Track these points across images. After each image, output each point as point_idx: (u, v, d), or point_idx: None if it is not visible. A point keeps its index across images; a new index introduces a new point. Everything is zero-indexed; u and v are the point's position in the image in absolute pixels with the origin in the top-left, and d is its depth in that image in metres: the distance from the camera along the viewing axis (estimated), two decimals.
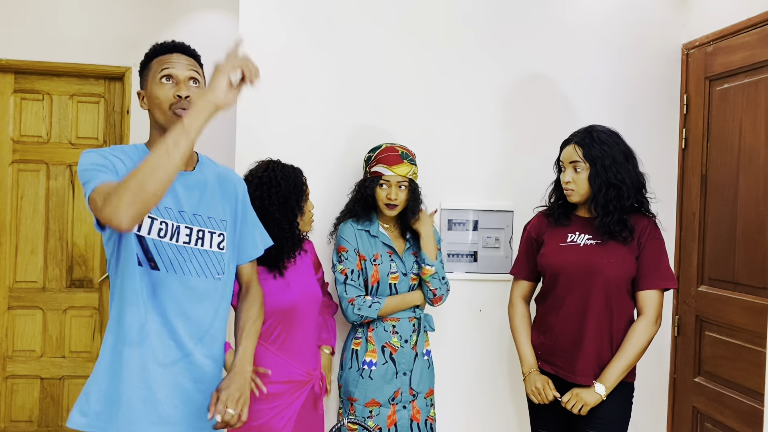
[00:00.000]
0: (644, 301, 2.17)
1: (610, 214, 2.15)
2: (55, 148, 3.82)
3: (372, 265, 2.39)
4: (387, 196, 2.37)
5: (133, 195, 1.44)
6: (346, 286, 2.36)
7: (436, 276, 2.41)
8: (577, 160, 2.18)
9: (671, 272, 2.19)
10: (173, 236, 1.68)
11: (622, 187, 2.14)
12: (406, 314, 2.41)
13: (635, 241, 2.17)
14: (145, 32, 3.77)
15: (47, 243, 3.82)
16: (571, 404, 2.15)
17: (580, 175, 2.18)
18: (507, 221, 2.85)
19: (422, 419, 2.41)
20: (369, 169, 2.41)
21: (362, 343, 2.39)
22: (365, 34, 2.74)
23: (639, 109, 2.94)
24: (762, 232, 2.43)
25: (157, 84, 1.70)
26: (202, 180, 1.78)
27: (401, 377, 2.38)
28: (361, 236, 2.41)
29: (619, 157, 2.16)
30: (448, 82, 2.80)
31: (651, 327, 2.15)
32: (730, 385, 2.61)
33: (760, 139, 2.49)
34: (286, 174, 2.20)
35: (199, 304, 1.73)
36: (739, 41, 2.61)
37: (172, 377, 1.69)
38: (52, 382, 3.81)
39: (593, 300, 2.16)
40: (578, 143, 2.19)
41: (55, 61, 3.72)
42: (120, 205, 1.44)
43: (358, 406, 2.36)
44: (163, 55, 1.75)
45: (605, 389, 2.13)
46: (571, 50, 2.89)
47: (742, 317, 2.53)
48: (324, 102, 2.71)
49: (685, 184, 2.92)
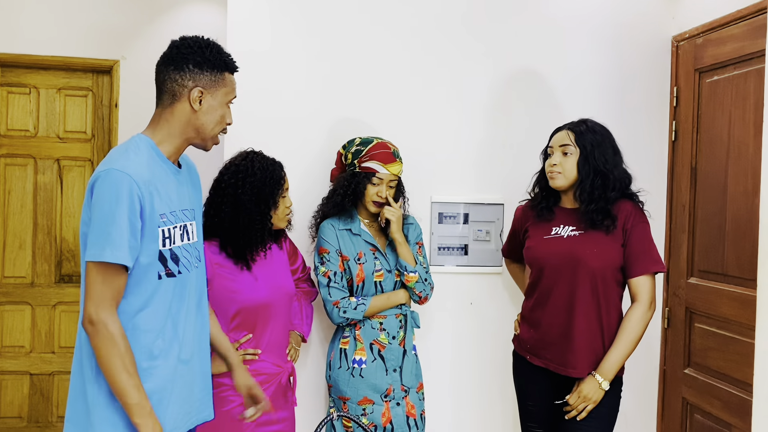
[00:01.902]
0: (637, 288, 2.17)
1: (594, 202, 2.15)
2: (43, 143, 3.79)
3: (356, 264, 2.38)
4: (377, 194, 2.35)
5: (101, 350, 1.56)
6: (329, 289, 2.35)
7: (420, 280, 2.40)
8: (568, 144, 2.19)
9: (659, 255, 2.20)
10: (186, 236, 1.74)
11: (609, 177, 2.15)
12: (392, 311, 2.41)
13: (619, 228, 2.17)
14: (133, 25, 3.74)
15: (35, 238, 3.79)
16: (581, 407, 2.14)
17: (568, 159, 2.19)
18: (498, 214, 2.85)
19: (417, 414, 2.41)
20: (359, 163, 2.37)
21: (350, 341, 2.38)
22: (354, 25, 2.72)
23: (629, 102, 2.94)
24: (751, 224, 2.43)
25: (225, 105, 1.75)
26: (185, 174, 1.81)
27: (391, 374, 2.37)
28: (342, 236, 2.39)
29: (609, 150, 2.18)
30: (438, 74, 2.79)
31: (646, 313, 2.15)
32: (719, 377, 2.62)
33: (748, 131, 2.50)
34: (263, 165, 2.18)
35: (196, 295, 1.79)
36: (728, 33, 2.62)
37: (190, 371, 1.77)
38: (41, 378, 3.79)
39: (579, 291, 2.16)
40: (571, 129, 2.23)
41: (41, 54, 3.69)
42: (97, 327, 1.56)
43: (351, 405, 2.35)
44: (233, 74, 1.79)
45: (607, 382, 2.13)
46: (561, 42, 2.88)
47: (731, 309, 2.54)
48: (312, 94, 2.69)
49: (675, 176, 2.92)
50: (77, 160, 3.83)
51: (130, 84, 3.75)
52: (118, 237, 1.54)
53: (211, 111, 1.71)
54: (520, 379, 2.39)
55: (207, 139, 1.74)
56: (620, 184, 2.18)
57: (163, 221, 1.64)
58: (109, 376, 1.55)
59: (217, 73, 1.71)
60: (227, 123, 1.78)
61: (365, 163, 2.35)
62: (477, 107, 2.83)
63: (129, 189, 1.56)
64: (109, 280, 1.56)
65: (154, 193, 1.62)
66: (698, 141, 2.79)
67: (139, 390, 1.56)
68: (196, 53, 1.68)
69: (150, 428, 1.56)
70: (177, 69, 1.68)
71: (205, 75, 1.69)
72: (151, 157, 1.66)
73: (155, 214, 1.62)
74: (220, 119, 1.73)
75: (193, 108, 1.69)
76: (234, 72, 1.78)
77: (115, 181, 1.56)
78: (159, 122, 1.71)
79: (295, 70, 2.68)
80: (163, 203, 1.65)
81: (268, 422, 2.16)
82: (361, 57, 2.73)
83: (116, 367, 1.54)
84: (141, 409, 1.56)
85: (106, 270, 1.56)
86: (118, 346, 1.55)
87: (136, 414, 1.56)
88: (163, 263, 1.65)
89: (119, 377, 1.54)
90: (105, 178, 1.57)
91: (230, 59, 1.76)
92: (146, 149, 1.67)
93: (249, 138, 2.48)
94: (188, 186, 1.81)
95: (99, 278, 1.56)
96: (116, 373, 1.54)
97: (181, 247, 1.71)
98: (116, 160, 1.61)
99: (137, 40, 3.75)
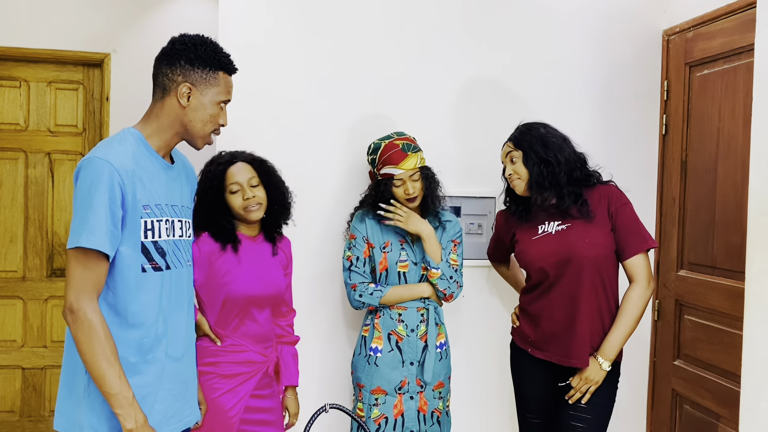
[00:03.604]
0: (633, 268, 2.18)
1: (546, 190, 2.18)
2: (34, 136, 3.77)
3: (381, 253, 2.40)
4: (405, 192, 2.35)
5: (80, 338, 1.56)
6: (350, 272, 2.41)
7: (443, 276, 2.38)
8: (511, 150, 2.26)
9: (648, 232, 2.21)
10: (172, 232, 1.73)
11: (553, 164, 2.18)
12: (414, 304, 2.40)
13: (605, 213, 2.19)
14: (125, 18, 3.72)
15: (27, 232, 3.77)
16: (583, 388, 2.16)
17: (517, 164, 2.24)
18: (489, 207, 2.86)
19: (429, 411, 2.40)
20: (377, 172, 2.38)
21: (370, 329, 2.41)
22: (349, 18, 2.72)
23: (620, 95, 2.95)
24: (740, 217, 2.46)
25: (217, 105, 1.73)
26: (178, 170, 1.81)
27: (408, 366, 2.37)
28: (371, 225, 2.42)
29: (549, 139, 2.21)
30: (429, 68, 2.79)
31: (645, 292, 2.17)
32: (708, 368, 2.65)
33: (738, 124, 2.52)
34: (208, 162, 2.16)
35: (185, 292, 1.79)
36: (718, 27, 2.63)
37: (182, 368, 1.77)
38: (33, 372, 3.78)
39: (580, 283, 2.17)
40: (509, 139, 2.29)
41: (32, 47, 3.66)
42: (77, 314, 1.55)
43: (365, 393, 2.37)
44: (230, 75, 1.78)
45: (608, 362, 2.15)
46: (552, 35, 2.89)
47: (720, 301, 2.57)
48: (307, 90, 2.69)
49: (666, 169, 2.94)
50: (68, 154, 3.81)
51: (122, 77, 3.73)
52: (95, 223, 1.54)
53: (199, 108, 1.70)
54: (519, 371, 2.39)
55: (196, 137, 1.73)
56: (570, 165, 2.20)
57: (146, 212, 1.64)
58: (88, 365, 1.55)
59: (210, 71, 1.71)
60: (220, 124, 1.76)
61: (382, 170, 2.37)
62: (467, 100, 2.83)
63: (109, 177, 1.56)
64: (89, 267, 1.56)
65: (137, 183, 1.62)
66: (688, 134, 2.81)
67: (120, 379, 1.55)
68: (189, 50, 1.70)
69: (132, 418, 1.55)
70: (169, 64, 1.70)
71: (195, 72, 1.69)
72: (137, 149, 1.66)
73: (138, 204, 1.62)
74: (209, 118, 1.72)
75: (180, 104, 1.69)
76: (230, 73, 1.77)
77: (95, 168, 1.56)
78: (150, 116, 1.72)
79: (290, 64, 2.67)
80: (148, 195, 1.65)
81: (255, 410, 2.16)
82: (358, 49, 2.72)
83: (96, 356, 1.53)
84: (122, 399, 1.55)
85: (86, 257, 1.55)
86: (98, 334, 1.54)
87: (116, 404, 1.55)
88: (146, 256, 1.64)
89: (99, 366, 1.54)
90: (86, 166, 1.58)
91: (226, 59, 1.75)
92: (133, 141, 1.67)
93: (242, 138, 2.48)
94: (181, 184, 1.80)
95: (78, 266, 1.55)
96: (96, 362, 1.54)
97: (168, 241, 1.70)
98: (99, 149, 1.62)
99: (128, 33, 3.72)
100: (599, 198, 2.20)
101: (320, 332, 2.73)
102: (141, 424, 1.57)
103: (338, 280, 2.71)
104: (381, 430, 2.35)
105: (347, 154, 2.72)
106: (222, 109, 1.76)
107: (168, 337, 1.70)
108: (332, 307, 2.75)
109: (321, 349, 2.74)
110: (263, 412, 2.19)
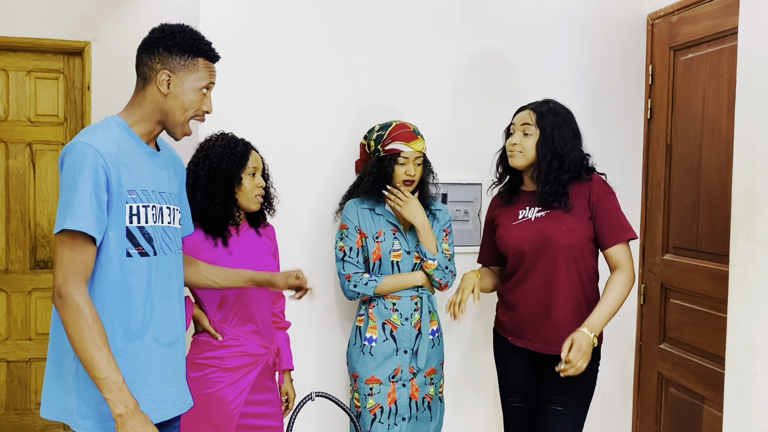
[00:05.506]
0: (615, 258, 2.17)
1: (550, 185, 2.17)
2: (14, 126, 3.71)
3: (374, 242, 2.39)
4: (406, 173, 2.35)
5: (69, 323, 1.55)
6: (344, 263, 2.39)
7: (440, 267, 2.38)
8: (529, 123, 2.21)
9: (629, 223, 2.21)
10: (160, 218, 1.72)
11: (566, 160, 2.17)
12: (407, 293, 2.40)
13: (585, 202, 2.19)
14: (105, 5, 3.65)
15: (8, 224, 3.73)
16: (577, 356, 2.01)
17: (528, 139, 2.21)
18: (476, 194, 2.85)
19: (420, 397, 2.41)
20: (383, 147, 2.36)
21: (364, 319, 2.41)
22: (337, 5, 2.68)
23: (604, 80, 2.95)
24: (724, 201, 2.47)
25: (198, 91, 1.72)
26: (165, 158, 1.81)
27: (402, 355, 2.38)
28: (363, 214, 2.41)
29: (568, 132, 2.19)
30: (413, 55, 2.77)
31: (629, 278, 2.15)
32: (693, 351, 2.67)
33: (722, 108, 2.52)
34: (224, 143, 2.16)
35: (174, 279, 1.79)
36: (702, 11, 2.63)
37: (173, 355, 1.76)
38: (18, 365, 3.75)
39: (556, 270, 2.18)
40: (534, 109, 2.23)
41: (10, 35, 3.59)
42: (65, 298, 1.54)
43: (360, 383, 2.38)
44: (211, 62, 1.76)
45: (594, 336, 2.06)
46: (536, 21, 2.88)
47: (705, 284, 2.58)
48: (295, 75, 2.66)
49: (651, 154, 2.95)
50: (50, 144, 3.76)
51: (103, 66, 3.67)
52: (79, 206, 1.54)
53: (180, 95, 1.70)
54: (501, 358, 2.41)
55: (176, 125, 1.73)
56: (575, 166, 2.20)
57: (132, 197, 1.64)
58: (77, 349, 1.54)
59: (189, 58, 1.70)
60: (204, 111, 1.76)
61: (389, 146, 2.35)
62: (453, 88, 2.82)
63: (93, 160, 1.56)
64: (76, 251, 1.55)
65: (122, 167, 1.62)
66: (673, 118, 2.82)
67: (109, 363, 1.54)
68: (167, 37, 1.70)
69: (121, 403, 1.54)
70: (149, 53, 1.71)
71: (174, 59, 1.69)
72: (121, 135, 1.67)
73: (123, 189, 1.62)
74: (190, 104, 1.71)
75: (161, 91, 1.69)
76: (211, 59, 1.76)
77: (79, 153, 1.57)
78: (133, 105, 1.73)
79: (273, 51, 2.64)
80: (134, 180, 1.65)
81: (255, 403, 2.16)
82: (343, 35, 2.70)
83: (84, 340, 1.53)
84: (111, 384, 1.54)
85: (72, 241, 1.55)
86: (86, 318, 1.53)
87: (105, 389, 1.54)
88: (132, 241, 1.64)
89: (87, 350, 1.53)
90: (70, 151, 1.59)
91: (206, 45, 1.74)
92: (117, 128, 1.67)
93: (228, 126, 2.45)
94: (168, 171, 1.80)
95: (65, 250, 1.55)
96: (84, 346, 1.53)
97: (156, 227, 1.70)
98: (83, 135, 1.62)
99: (109, 21, 3.66)
100: (580, 187, 2.20)
101: (314, 321, 2.72)
102: (131, 409, 1.56)
103: (331, 269, 2.69)
104: (377, 419, 2.36)
105: (338, 140, 2.70)
106: (205, 95, 1.75)
107: (155, 323, 1.70)
108: (325, 297, 2.73)
109: (315, 339, 2.73)
110: (263, 405, 2.20)
